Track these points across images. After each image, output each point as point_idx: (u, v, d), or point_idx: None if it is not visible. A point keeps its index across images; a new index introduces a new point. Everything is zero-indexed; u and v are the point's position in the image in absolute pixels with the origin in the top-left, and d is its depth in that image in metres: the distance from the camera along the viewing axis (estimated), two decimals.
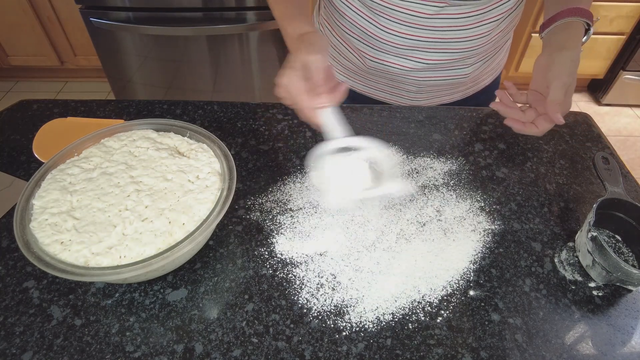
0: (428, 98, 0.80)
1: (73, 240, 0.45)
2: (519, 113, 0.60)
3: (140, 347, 0.45)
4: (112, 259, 0.44)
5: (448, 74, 0.74)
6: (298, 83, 0.52)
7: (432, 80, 0.74)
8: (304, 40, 0.54)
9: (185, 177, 0.52)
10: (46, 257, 0.43)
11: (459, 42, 0.68)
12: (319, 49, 0.52)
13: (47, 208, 0.48)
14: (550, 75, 0.57)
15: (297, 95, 0.52)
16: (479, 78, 0.80)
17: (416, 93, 0.78)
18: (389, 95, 0.80)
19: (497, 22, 0.67)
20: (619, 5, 1.97)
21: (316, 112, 0.52)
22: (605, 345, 0.46)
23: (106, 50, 1.82)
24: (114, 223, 0.46)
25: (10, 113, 0.74)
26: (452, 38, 0.67)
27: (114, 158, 0.54)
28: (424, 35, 0.67)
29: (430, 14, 0.64)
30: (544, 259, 0.54)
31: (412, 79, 0.74)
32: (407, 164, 0.66)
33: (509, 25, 0.73)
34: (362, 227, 0.56)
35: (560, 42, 0.59)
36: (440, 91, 0.78)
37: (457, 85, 0.78)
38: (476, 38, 0.68)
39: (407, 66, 0.72)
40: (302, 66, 0.52)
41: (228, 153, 0.55)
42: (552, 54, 0.58)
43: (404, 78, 0.74)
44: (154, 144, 0.56)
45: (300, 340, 0.45)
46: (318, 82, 0.52)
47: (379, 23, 0.68)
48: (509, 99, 0.61)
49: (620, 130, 2.22)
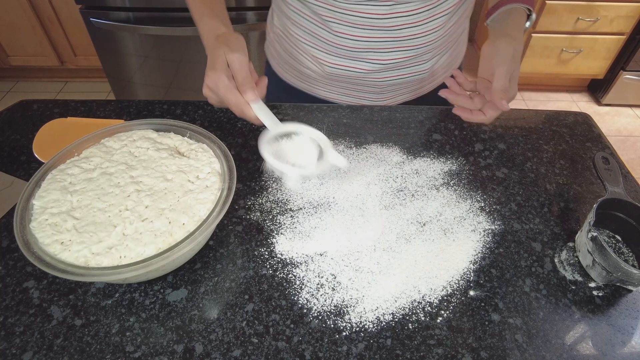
0: (391, 97, 0.80)
1: (73, 240, 0.45)
2: (467, 100, 0.60)
3: (140, 347, 0.45)
4: (112, 259, 0.44)
5: (407, 72, 0.74)
6: (225, 82, 0.53)
7: (392, 80, 0.75)
8: (222, 40, 0.56)
9: (185, 177, 0.52)
10: (46, 257, 0.43)
11: (413, 39, 0.68)
12: (238, 47, 0.55)
13: (47, 208, 0.48)
14: (494, 63, 0.58)
15: (225, 93, 0.54)
16: (439, 72, 0.80)
17: (379, 94, 0.78)
18: (352, 98, 0.81)
19: (447, 15, 0.68)
20: (619, 5, 1.97)
21: (247, 106, 0.54)
22: (606, 345, 0.46)
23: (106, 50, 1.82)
24: (114, 223, 0.46)
25: (10, 113, 0.74)
26: (405, 36, 0.67)
27: (114, 158, 0.54)
28: (377, 36, 0.67)
29: (381, 14, 0.64)
30: (544, 259, 0.54)
31: (372, 81, 0.75)
32: (407, 164, 0.66)
33: (462, 17, 0.73)
34: (362, 227, 0.56)
35: (503, 30, 0.61)
36: (402, 89, 0.79)
37: (418, 82, 0.78)
38: (429, 33, 0.68)
39: (365, 68, 0.72)
40: (225, 65, 0.54)
41: (228, 153, 0.55)
42: (496, 41, 0.59)
43: (364, 80, 0.75)
44: (154, 144, 0.56)
45: (301, 341, 0.45)
46: (243, 79, 0.54)
47: (331, 29, 0.68)
48: (457, 87, 0.62)
49: (620, 130, 2.23)
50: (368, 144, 0.69)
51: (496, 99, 0.56)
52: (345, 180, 0.62)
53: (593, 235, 0.49)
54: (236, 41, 0.56)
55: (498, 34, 0.60)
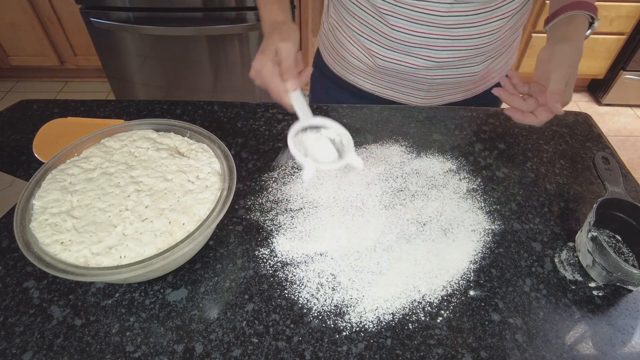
0: (438, 96, 0.80)
1: (73, 240, 0.45)
2: (520, 101, 0.60)
3: (140, 347, 0.45)
4: (112, 259, 0.44)
5: (458, 72, 0.74)
6: (269, 67, 0.56)
7: (442, 79, 0.75)
8: (277, 28, 0.59)
9: (185, 177, 0.52)
10: (46, 257, 0.43)
11: (469, 40, 0.68)
12: (289, 37, 0.57)
13: (48, 208, 0.48)
14: (552, 66, 0.57)
15: (267, 78, 0.56)
16: (488, 76, 0.80)
17: (426, 91, 0.78)
18: (399, 94, 0.81)
19: (505, 19, 0.68)
20: (619, 5, 1.97)
21: (285, 94, 0.57)
22: (606, 345, 0.46)
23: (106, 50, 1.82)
24: (114, 223, 0.46)
25: (10, 113, 0.74)
26: (461, 35, 0.68)
27: (114, 158, 0.54)
28: (434, 33, 0.67)
29: (442, 12, 0.64)
30: (544, 259, 0.54)
31: (423, 77, 0.75)
32: (407, 164, 0.66)
33: (517, 23, 0.73)
34: (362, 227, 0.56)
35: (563, 35, 0.60)
36: (450, 89, 0.79)
37: (466, 84, 0.78)
38: (485, 35, 0.69)
39: (417, 64, 0.72)
40: (274, 52, 0.57)
41: (228, 153, 0.55)
42: (555, 46, 0.58)
43: (414, 77, 0.75)
44: (154, 144, 0.56)
45: (301, 340, 0.45)
46: (287, 67, 0.56)
47: (388, 22, 0.68)
48: (511, 87, 0.62)
49: (620, 130, 2.22)
50: (368, 144, 0.69)
51: (551, 101, 0.55)
52: (345, 180, 0.62)
53: (593, 235, 0.49)
54: (289, 31, 0.58)
55: (558, 38, 0.60)
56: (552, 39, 0.61)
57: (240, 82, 1.87)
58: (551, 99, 0.56)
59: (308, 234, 0.55)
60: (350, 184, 0.62)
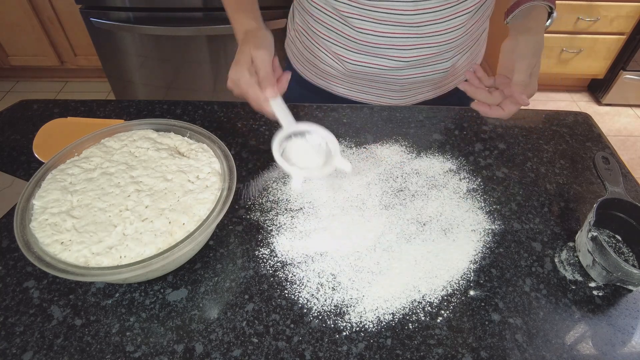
0: (411, 96, 0.80)
1: (73, 240, 0.45)
2: (486, 94, 0.60)
3: (140, 347, 0.45)
4: (112, 259, 0.44)
5: (429, 70, 0.74)
6: (246, 77, 0.56)
7: (414, 78, 0.75)
8: (250, 36, 0.59)
9: (185, 177, 0.52)
10: (46, 257, 0.43)
11: (436, 36, 0.68)
12: (263, 44, 0.57)
13: (48, 208, 0.48)
14: (515, 57, 0.58)
15: (245, 88, 0.56)
16: (459, 71, 0.80)
17: (399, 92, 0.78)
18: (372, 96, 0.81)
19: (470, 12, 0.68)
20: (619, 5, 1.97)
21: (265, 102, 0.56)
22: (606, 345, 0.46)
23: (106, 50, 1.82)
24: (114, 223, 0.46)
25: (10, 113, 0.74)
26: (429, 32, 0.68)
27: (114, 158, 0.54)
28: (401, 32, 0.67)
29: (407, 10, 0.64)
30: (544, 258, 0.54)
31: (393, 78, 0.74)
32: (407, 164, 0.66)
33: (483, 16, 0.73)
34: (362, 227, 0.56)
35: (524, 26, 0.61)
36: (422, 87, 0.79)
37: (438, 81, 0.78)
38: (452, 30, 0.68)
39: (386, 65, 0.72)
40: (249, 61, 0.56)
41: (228, 153, 0.55)
42: (517, 37, 0.59)
43: (385, 78, 0.75)
44: (154, 144, 0.56)
45: (301, 340, 0.45)
46: (265, 75, 0.56)
47: (353, 25, 0.68)
48: (476, 81, 0.62)
49: (620, 130, 2.22)
50: (368, 144, 0.69)
51: (516, 93, 0.56)
52: (345, 180, 0.62)
53: (593, 235, 0.49)
54: (263, 38, 0.58)
55: (519, 30, 0.61)
56: (513, 31, 0.62)
57: None
58: (516, 91, 0.56)
59: (308, 234, 0.55)
60: (350, 183, 0.62)
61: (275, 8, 1.66)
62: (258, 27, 0.61)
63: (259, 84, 0.56)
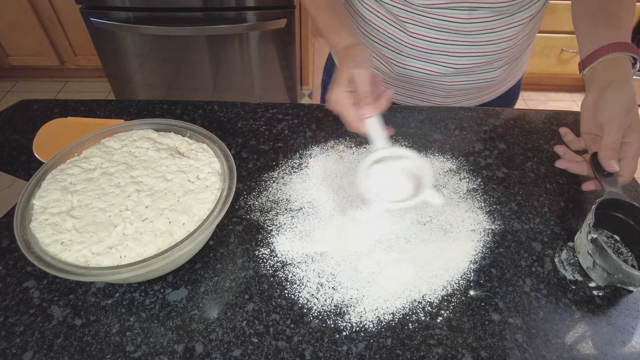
0: (455, 102, 0.80)
1: (73, 240, 0.45)
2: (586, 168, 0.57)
3: (140, 347, 0.45)
4: (112, 259, 0.44)
5: (476, 78, 0.74)
6: (344, 98, 0.55)
7: (460, 85, 0.75)
8: (348, 53, 0.57)
9: (186, 177, 0.52)
10: (46, 257, 0.43)
11: (487, 45, 0.68)
12: (362, 61, 0.55)
13: (48, 208, 0.48)
14: (603, 115, 0.53)
15: (342, 111, 0.56)
16: (505, 80, 0.80)
17: (444, 97, 0.78)
18: (417, 100, 0.81)
19: (522, 25, 0.68)
20: None
21: (362, 123, 0.55)
22: (606, 345, 0.46)
23: (106, 50, 1.82)
24: (114, 223, 0.46)
25: (10, 113, 0.74)
26: (481, 41, 0.68)
27: (114, 158, 0.54)
28: (453, 40, 0.67)
29: (462, 18, 0.64)
30: (544, 258, 0.54)
31: (440, 84, 0.74)
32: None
33: (534, 28, 0.73)
34: (363, 227, 0.56)
35: (608, 78, 0.54)
36: (468, 94, 0.78)
37: (484, 89, 0.77)
38: (504, 41, 0.68)
39: (435, 71, 0.72)
40: (347, 80, 0.55)
41: (228, 153, 0.55)
42: (602, 91, 0.53)
43: (432, 83, 0.75)
44: (154, 144, 0.56)
45: (301, 340, 0.45)
46: (363, 94, 0.54)
47: (406, 29, 0.68)
48: (570, 153, 0.59)
49: None
50: (368, 144, 0.69)
51: (603, 158, 0.51)
52: (346, 180, 0.62)
53: (593, 237, 0.49)
54: (360, 56, 0.57)
55: (601, 82, 0.54)
56: (593, 84, 0.56)
57: (240, 82, 1.87)
58: (604, 155, 0.51)
59: (308, 233, 0.55)
60: (350, 183, 0.62)
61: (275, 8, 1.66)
62: (354, 43, 0.59)
63: (357, 102, 0.54)
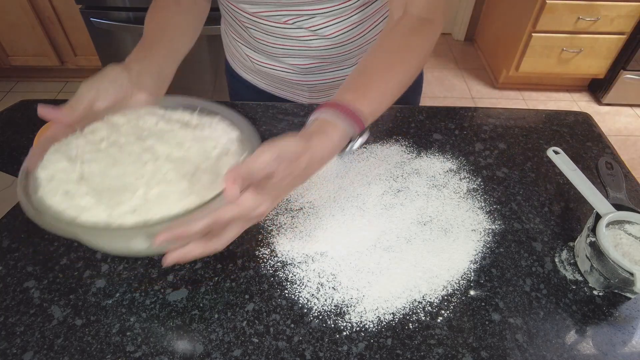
0: (322, 96, 0.81)
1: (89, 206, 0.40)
2: None
3: (140, 347, 0.45)
4: (138, 220, 0.39)
5: (331, 76, 0.75)
6: None
7: (319, 83, 0.76)
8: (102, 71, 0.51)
9: (203, 145, 0.46)
10: (62, 221, 0.38)
11: (322, 50, 0.69)
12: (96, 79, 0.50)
13: (55, 177, 0.42)
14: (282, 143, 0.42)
15: None
16: None
17: (309, 91, 0.80)
18: (288, 93, 0.82)
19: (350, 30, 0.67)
20: (619, 5, 1.97)
21: None
22: (606, 345, 0.46)
23: (106, 50, 1.82)
24: (135, 186, 0.41)
25: (10, 113, 0.74)
26: (313, 46, 0.69)
27: (122, 131, 0.47)
28: (289, 44, 0.69)
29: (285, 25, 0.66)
30: (544, 258, 0.54)
31: (297, 82, 0.76)
32: (407, 164, 0.66)
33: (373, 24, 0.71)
34: (363, 227, 0.56)
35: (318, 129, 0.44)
36: (333, 90, 0.79)
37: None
38: (337, 46, 0.69)
39: (288, 70, 0.74)
40: None
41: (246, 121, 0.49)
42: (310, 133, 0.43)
43: (290, 80, 0.76)
44: (163, 118, 0.50)
45: (301, 340, 0.45)
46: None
47: (252, 35, 0.71)
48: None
49: (620, 130, 2.22)
50: (368, 144, 0.69)
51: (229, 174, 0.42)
52: (346, 180, 0.62)
53: (592, 241, 0.49)
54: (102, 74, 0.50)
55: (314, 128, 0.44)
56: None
57: None
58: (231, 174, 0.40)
59: (308, 234, 0.55)
60: (350, 183, 0.62)
61: None
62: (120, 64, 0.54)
63: None
